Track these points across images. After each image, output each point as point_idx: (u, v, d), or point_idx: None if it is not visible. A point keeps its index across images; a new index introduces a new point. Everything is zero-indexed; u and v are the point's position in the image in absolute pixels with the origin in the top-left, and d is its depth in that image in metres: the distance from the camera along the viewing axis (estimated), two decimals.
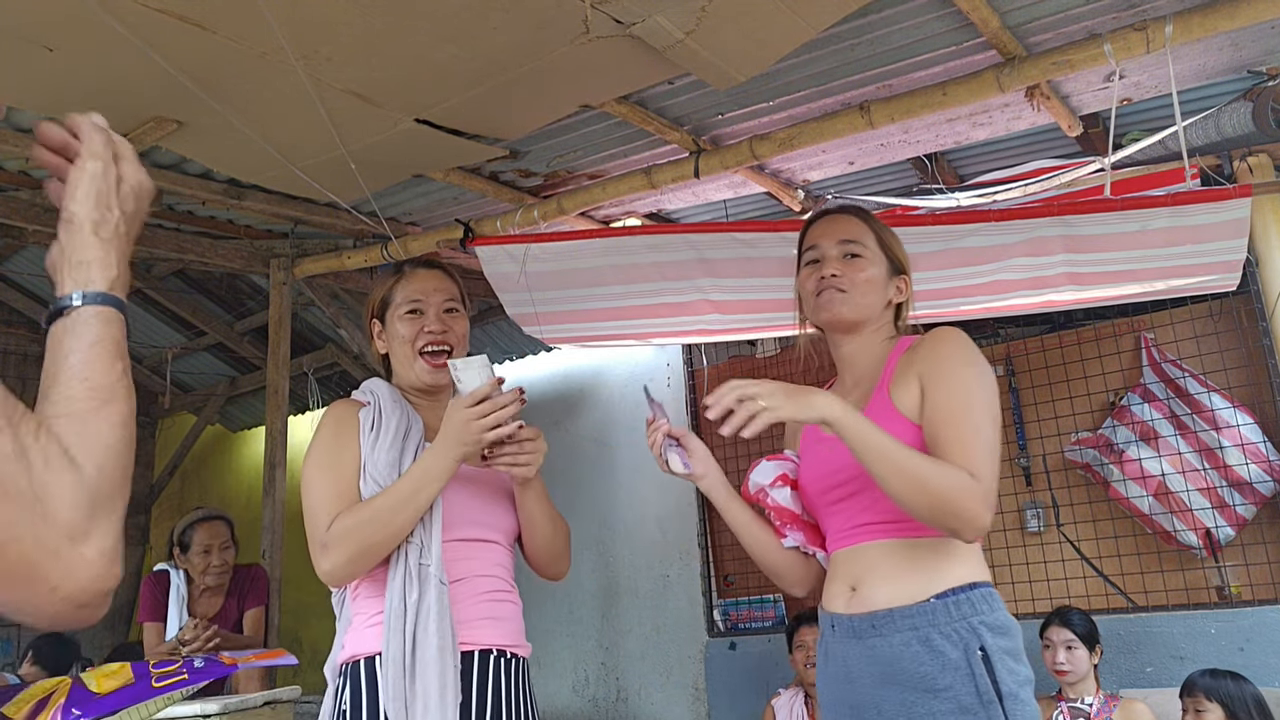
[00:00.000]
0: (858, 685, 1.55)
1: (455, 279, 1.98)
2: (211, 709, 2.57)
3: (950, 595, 1.51)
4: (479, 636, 1.71)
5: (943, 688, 1.46)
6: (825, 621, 1.67)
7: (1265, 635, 3.39)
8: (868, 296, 1.71)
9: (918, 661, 1.48)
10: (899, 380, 1.61)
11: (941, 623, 1.49)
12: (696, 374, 5.03)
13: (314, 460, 1.76)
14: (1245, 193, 2.93)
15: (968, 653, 1.46)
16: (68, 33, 2.40)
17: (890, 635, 1.52)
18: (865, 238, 1.75)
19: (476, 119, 2.90)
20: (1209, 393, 3.63)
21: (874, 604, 1.55)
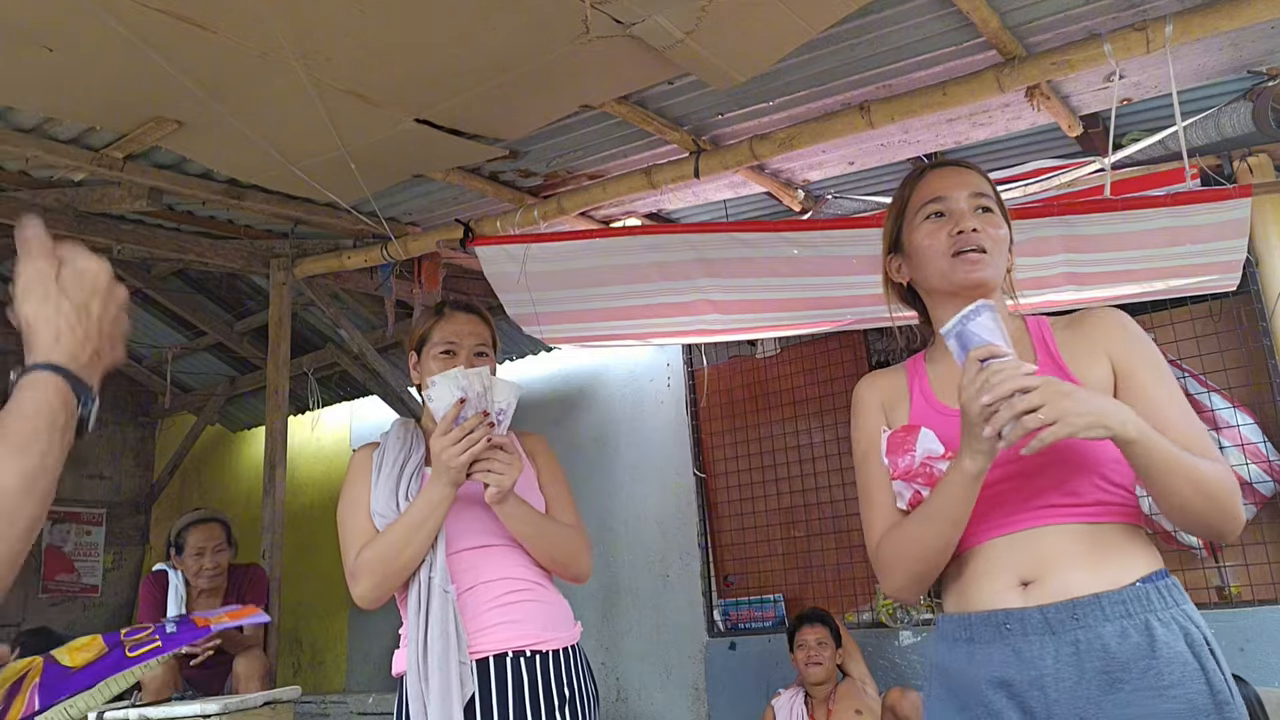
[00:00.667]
0: (1055, 690, 1.29)
1: (489, 323, 2.13)
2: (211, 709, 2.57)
3: (1156, 579, 1.32)
4: (490, 642, 1.85)
5: (1169, 685, 1.25)
6: (986, 623, 1.37)
7: (1265, 635, 3.39)
8: (1001, 259, 1.51)
9: (1138, 654, 1.26)
10: (1073, 353, 1.45)
11: (1158, 608, 1.29)
12: (696, 374, 5.03)
13: (341, 503, 2.04)
14: (1245, 193, 2.92)
15: (1192, 643, 1.27)
16: (68, 33, 2.40)
17: (1099, 625, 1.29)
18: (991, 192, 1.56)
19: (476, 119, 2.90)
20: (1209, 393, 3.63)
21: (1071, 591, 1.31)
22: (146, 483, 7.23)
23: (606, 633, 5.06)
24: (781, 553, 4.64)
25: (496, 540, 1.92)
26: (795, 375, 4.76)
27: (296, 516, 6.51)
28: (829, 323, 3.73)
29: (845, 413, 4.72)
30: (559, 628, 1.94)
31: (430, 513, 1.85)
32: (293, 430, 5.37)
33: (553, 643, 1.90)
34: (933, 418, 1.50)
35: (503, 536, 1.92)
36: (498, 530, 1.92)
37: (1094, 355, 1.44)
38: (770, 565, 4.66)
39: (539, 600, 1.93)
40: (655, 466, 5.06)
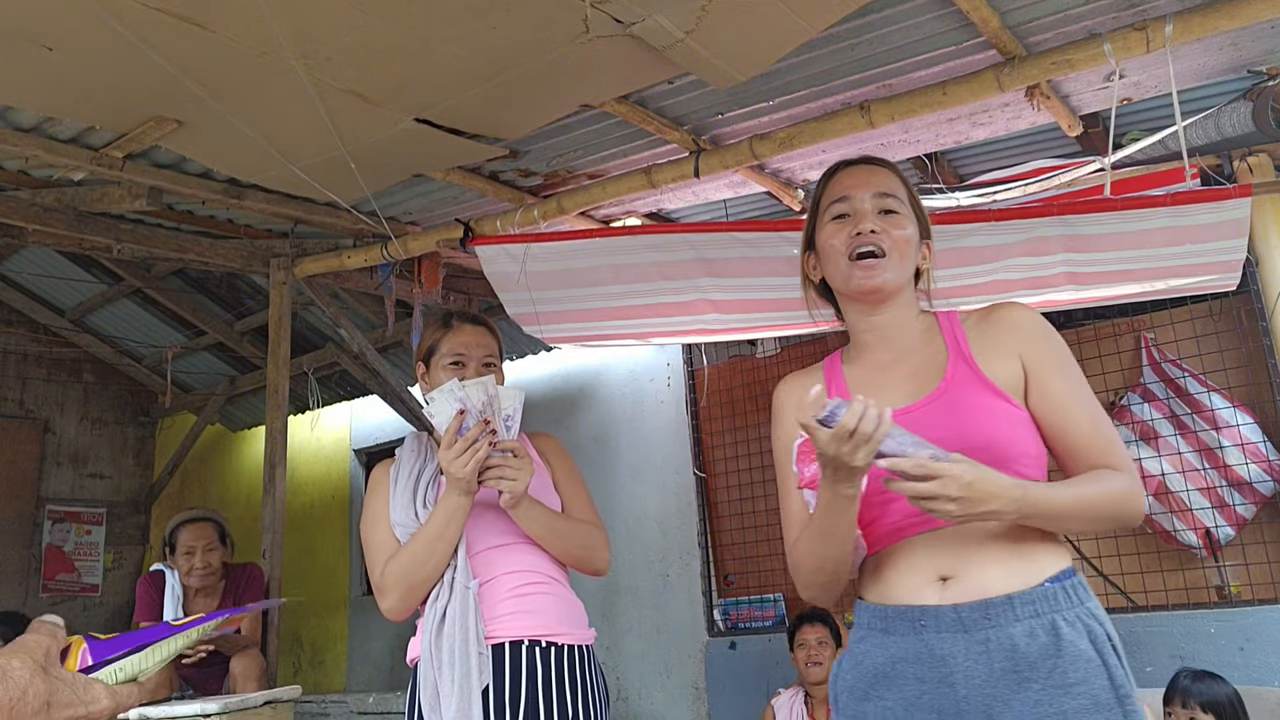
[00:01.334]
0: (962, 686, 1.33)
1: (497, 335, 2.18)
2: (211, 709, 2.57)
3: (1063, 578, 1.37)
4: (507, 629, 1.90)
5: (1074, 683, 1.29)
6: (901, 617, 1.40)
7: (1265, 635, 3.39)
8: (906, 260, 1.53)
9: (1045, 654, 1.31)
10: (985, 354, 1.47)
11: (1063, 608, 1.34)
12: (696, 374, 5.03)
13: (364, 518, 2.07)
14: (1245, 193, 2.92)
15: (1095, 641, 1.32)
16: (68, 32, 2.40)
17: (1009, 625, 1.32)
18: (900, 191, 1.57)
19: (476, 119, 2.90)
20: (1209, 392, 3.63)
21: (986, 590, 1.35)
22: (146, 482, 7.23)
23: (606, 632, 5.06)
24: (781, 552, 4.62)
25: (514, 539, 1.98)
26: None
27: (296, 516, 6.52)
28: (829, 322, 3.72)
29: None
30: (574, 625, 1.99)
31: (448, 522, 1.90)
32: (293, 430, 5.37)
33: (567, 638, 1.95)
34: None
35: (520, 535, 1.98)
36: (515, 529, 1.97)
37: (1005, 354, 1.46)
38: (770, 565, 4.66)
39: (555, 595, 1.99)
40: (655, 466, 5.06)
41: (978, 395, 1.43)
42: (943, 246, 3.10)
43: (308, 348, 5.83)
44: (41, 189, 3.61)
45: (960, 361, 1.47)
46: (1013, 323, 1.50)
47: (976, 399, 1.43)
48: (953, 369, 1.46)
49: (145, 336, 6.36)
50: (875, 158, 1.65)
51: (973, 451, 1.33)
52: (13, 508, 6.46)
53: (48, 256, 5.35)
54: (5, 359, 6.56)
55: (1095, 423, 1.43)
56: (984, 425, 1.40)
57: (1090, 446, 1.42)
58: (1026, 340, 1.47)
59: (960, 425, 1.40)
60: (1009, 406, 1.43)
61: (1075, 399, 1.44)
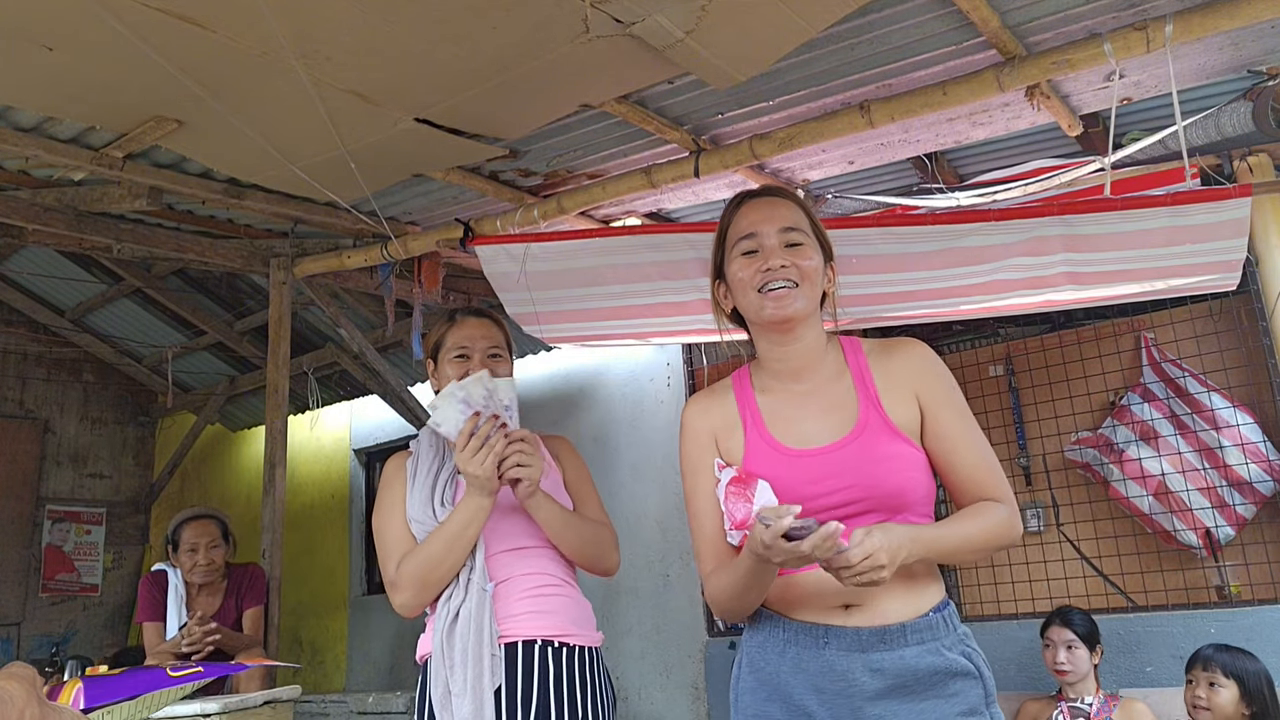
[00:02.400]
0: (859, 696, 1.50)
1: (502, 327, 2.22)
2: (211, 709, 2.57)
3: (942, 608, 1.56)
4: (521, 629, 1.93)
5: (953, 693, 1.50)
6: (808, 633, 1.54)
7: (1265, 635, 3.39)
8: (814, 289, 1.62)
9: (932, 671, 1.50)
10: (889, 396, 1.58)
11: (943, 634, 1.53)
12: (696, 374, 5.03)
13: (377, 511, 2.08)
14: (1245, 192, 2.92)
15: (971, 659, 1.53)
16: (68, 32, 2.40)
17: (902, 648, 1.51)
18: (803, 223, 1.65)
19: (476, 119, 2.90)
20: (1209, 392, 3.63)
21: (885, 619, 1.52)
22: (146, 482, 7.23)
23: (606, 632, 5.04)
24: None
25: (531, 543, 2.00)
26: None
27: (296, 516, 6.52)
28: (827, 322, 3.72)
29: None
30: (585, 627, 2.02)
31: (469, 523, 1.91)
32: (293, 430, 5.37)
33: (579, 639, 1.98)
34: (770, 456, 1.59)
35: (536, 539, 2.00)
36: (532, 533, 2.00)
37: (904, 394, 1.59)
38: None
39: (569, 597, 2.02)
40: (655, 466, 5.06)
41: (886, 443, 1.54)
42: (942, 246, 3.12)
43: (308, 348, 5.83)
44: (41, 189, 3.61)
45: (870, 405, 1.58)
46: (909, 363, 1.61)
47: (886, 446, 1.54)
48: (864, 413, 1.57)
49: (145, 336, 6.36)
50: (777, 188, 1.78)
51: (882, 498, 1.51)
52: (13, 507, 6.47)
53: (48, 256, 5.35)
54: (5, 359, 6.56)
55: (982, 458, 1.58)
56: (892, 475, 1.53)
57: (976, 481, 1.57)
58: (922, 380, 1.60)
59: (872, 473, 1.52)
60: (911, 450, 1.56)
61: (964, 437, 1.58)
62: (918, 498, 1.55)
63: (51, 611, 6.47)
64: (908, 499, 1.54)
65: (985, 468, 1.57)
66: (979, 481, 1.56)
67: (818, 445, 1.56)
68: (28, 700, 0.80)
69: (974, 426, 1.59)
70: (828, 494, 1.53)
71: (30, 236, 4.08)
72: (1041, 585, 3.91)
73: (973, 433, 1.59)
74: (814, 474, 1.55)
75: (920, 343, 1.65)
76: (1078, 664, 3.19)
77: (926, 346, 1.64)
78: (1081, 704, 3.17)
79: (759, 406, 1.65)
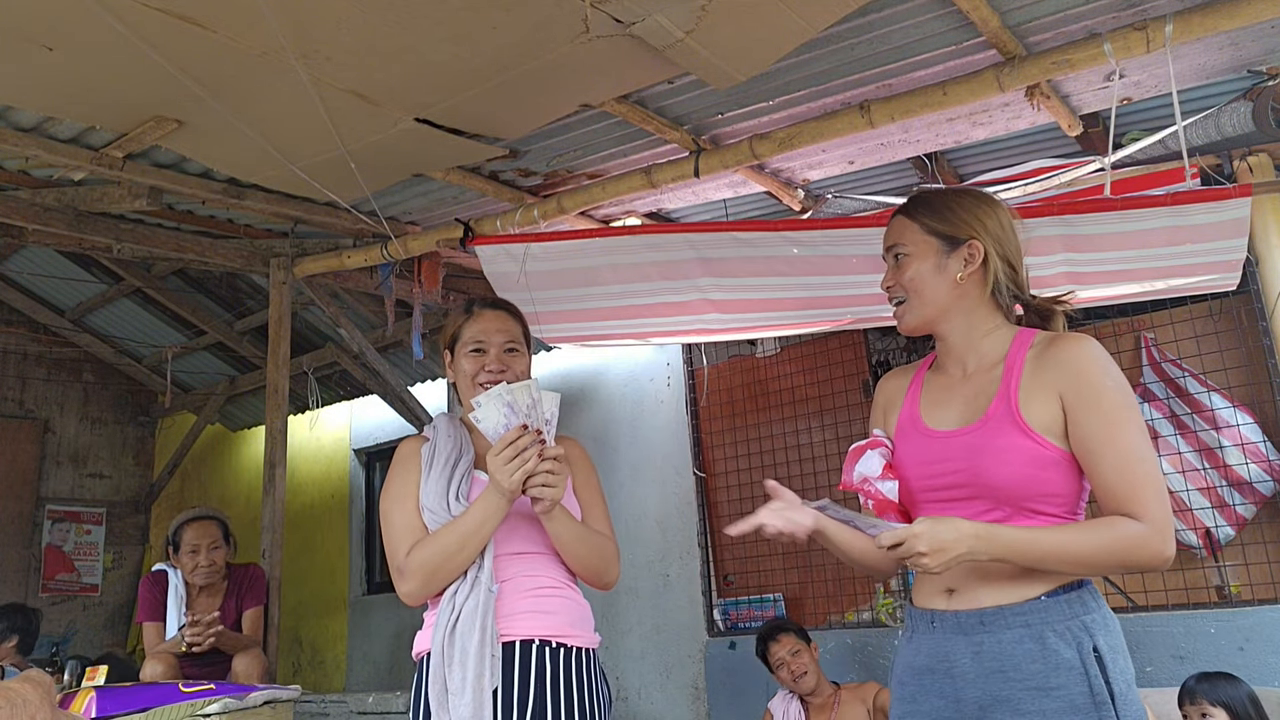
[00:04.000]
0: (961, 679, 1.52)
1: (519, 319, 2.18)
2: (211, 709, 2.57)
3: (1061, 593, 1.50)
4: (520, 628, 1.91)
5: (1054, 686, 1.44)
6: (921, 618, 1.62)
7: (1265, 635, 3.39)
8: (922, 293, 1.66)
9: (1030, 659, 1.46)
10: (1030, 391, 1.55)
11: (1055, 620, 1.48)
12: (696, 373, 5.03)
13: (387, 494, 2.04)
14: (1245, 192, 2.92)
15: (1081, 651, 1.46)
16: (68, 32, 2.40)
17: (1001, 632, 1.49)
18: (905, 233, 1.69)
19: (476, 118, 2.90)
20: (1209, 392, 3.63)
21: (980, 601, 1.53)
22: (146, 482, 7.23)
23: (606, 633, 5.06)
24: (781, 552, 4.63)
25: (537, 548, 1.99)
26: (795, 375, 4.76)
27: (296, 516, 6.52)
28: (829, 322, 3.73)
29: (845, 412, 4.71)
30: (584, 628, 2.00)
31: (485, 522, 1.89)
32: (292, 430, 5.37)
33: (577, 640, 1.97)
34: (908, 431, 1.69)
35: (541, 545, 1.99)
36: (538, 539, 1.99)
37: (1047, 393, 1.54)
38: (770, 565, 4.66)
39: (569, 599, 2.01)
40: (655, 466, 5.06)
41: (1006, 436, 1.53)
42: None
43: (308, 348, 5.83)
44: (41, 189, 3.61)
45: (1003, 398, 1.56)
46: (1060, 360, 1.56)
47: (1003, 439, 1.53)
48: (994, 405, 1.57)
49: (145, 336, 6.36)
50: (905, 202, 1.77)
51: (985, 488, 1.52)
52: (13, 507, 6.47)
53: (48, 256, 5.35)
54: (5, 359, 6.56)
55: (1122, 466, 1.47)
56: (1001, 467, 1.52)
57: (1111, 489, 1.48)
58: (1067, 379, 1.53)
59: (980, 463, 1.53)
60: (1036, 447, 1.51)
61: (1104, 441, 1.49)
62: (1031, 494, 1.51)
63: (51, 611, 6.47)
64: (1016, 493, 1.51)
65: (1124, 479, 1.47)
66: (1115, 493, 1.47)
67: (946, 429, 1.62)
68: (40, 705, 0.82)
69: (1124, 434, 1.49)
70: (938, 475, 1.59)
71: (30, 236, 4.08)
72: None
73: (1118, 440, 1.48)
74: (934, 455, 1.61)
75: (1086, 340, 1.56)
76: None
77: (1091, 344, 1.55)
78: None
79: (923, 384, 1.73)
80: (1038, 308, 1.71)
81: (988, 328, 1.66)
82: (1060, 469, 1.52)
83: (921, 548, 1.41)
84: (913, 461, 1.65)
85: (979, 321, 1.66)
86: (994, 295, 1.66)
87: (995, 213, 1.67)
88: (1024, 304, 1.71)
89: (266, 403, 4.18)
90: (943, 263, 1.65)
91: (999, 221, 1.66)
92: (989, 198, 1.71)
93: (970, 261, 1.64)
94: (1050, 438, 1.52)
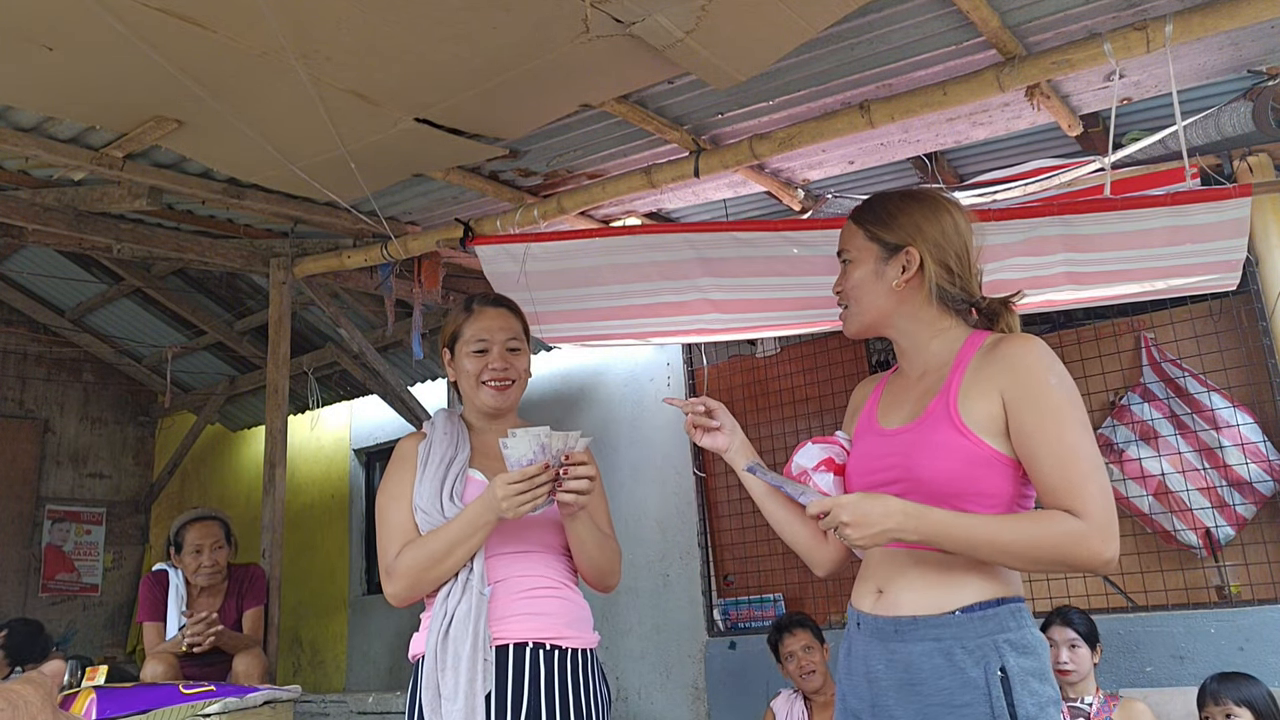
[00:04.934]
0: (877, 686, 1.53)
1: (520, 316, 2.17)
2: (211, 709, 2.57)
3: (977, 609, 1.48)
4: (513, 631, 1.90)
5: (960, 704, 1.43)
6: (852, 617, 1.65)
7: (1265, 635, 3.39)
8: (863, 299, 1.69)
9: (938, 674, 1.46)
10: (970, 389, 1.54)
11: (965, 637, 1.46)
12: (696, 373, 5.03)
13: (384, 491, 2.04)
14: (1245, 192, 2.92)
15: (987, 672, 1.43)
16: (68, 32, 2.40)
17: (913, 643, 1.49)
18: (852, 239, 1.72)
19: (476, 118, 2.90)
20: (1209, 392, 3.63)
21: (899, 609, 1.53)
22: (146, 482, 7.23)
23: (606, 633, 5.06)
24: (781, 552, 4.64)
25: (532, 547, 1.98)
26: (795, 375, 4.76)
27: (296, 516, 6.52)
28: (829, 322, 3.73)
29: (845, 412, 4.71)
30: (581, 628, 1.99)
31: (474, 531, 1.88)
32: (292, 430, 5.37)
33: (574, 641, 1.95)
34: (863, 429, 1.72)
35: (537, 544, 1.99)
36: (531, 538, 1.98)
37: (987, 391, 1.53)
38: (770, 565, 4.66)
39: (565, 599, 1.99)
40: (655, 466, 5.06)
41: (940, 433, 1.53)
42: None
43: (308, 347, 5.83)
44: (41, 189, 3.61)
45: (942, 397, 1.57)
46: (1002, 358, 1.55)
47: (937, 436, 1.54)
48: (934, 404, 1.58)
49: (145, 336, 6.36)
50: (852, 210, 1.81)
51: (917, 483, 1.52)
52: (12, 507, 6.47)
53: (48, 256, 5.35)
54: (5, 359, 6.56)
55: (1062, 463, 1.45)
56: (931, 463, 1.52)
57: (1051, 487, 1.46)
58: (1009, 377, 1.52)
59: (913, 459, 1.54)
60: (969, 445, 1.51)
61: (1044, 439, 1.47)
62: (961, 491, 1.49)
63: (51, 611, 6.47)
64: (946, 489, 1.50)
65: (1064, 476, 1.44)
66: (1055, 490, 1.45)
67: (891, 427, 1.64)
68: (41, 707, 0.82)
69: (1064, 431, 1.46)
70: (875, 471, 1.62)
71: (30, 236, 4.08)
72: (1041, 585, 3.91)
73: (1060, 438, 1.46)
74: (877, 451, 1.64)
75: (1030, 340, 1.55)
76: (1080, 663, 3.18)
77: (1034, 344, 1.54)
78: (1081, 704, 3.17)
79: (885, 387, 1.76)
80: (986, 309, 1.70)
81: (935, 330, 1.66)
82: (993, 468, 1.50)
83: (845, 517, 1.43)
84: (860, 459, 1.69)
85: (924, 324, 1.67)
86: (941, 299, 1.65)
87: (938, 218, 1.65)
88: (974, 306, 1.70)
89: (266, 403, 4.18)
90: (880, 269, 1.66)
91: (940, 227, 1.64)
92: (936, 201, 1.68)
93: (907, 268, 1.64)
94: (986, 437, 1.50)
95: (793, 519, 1.78)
